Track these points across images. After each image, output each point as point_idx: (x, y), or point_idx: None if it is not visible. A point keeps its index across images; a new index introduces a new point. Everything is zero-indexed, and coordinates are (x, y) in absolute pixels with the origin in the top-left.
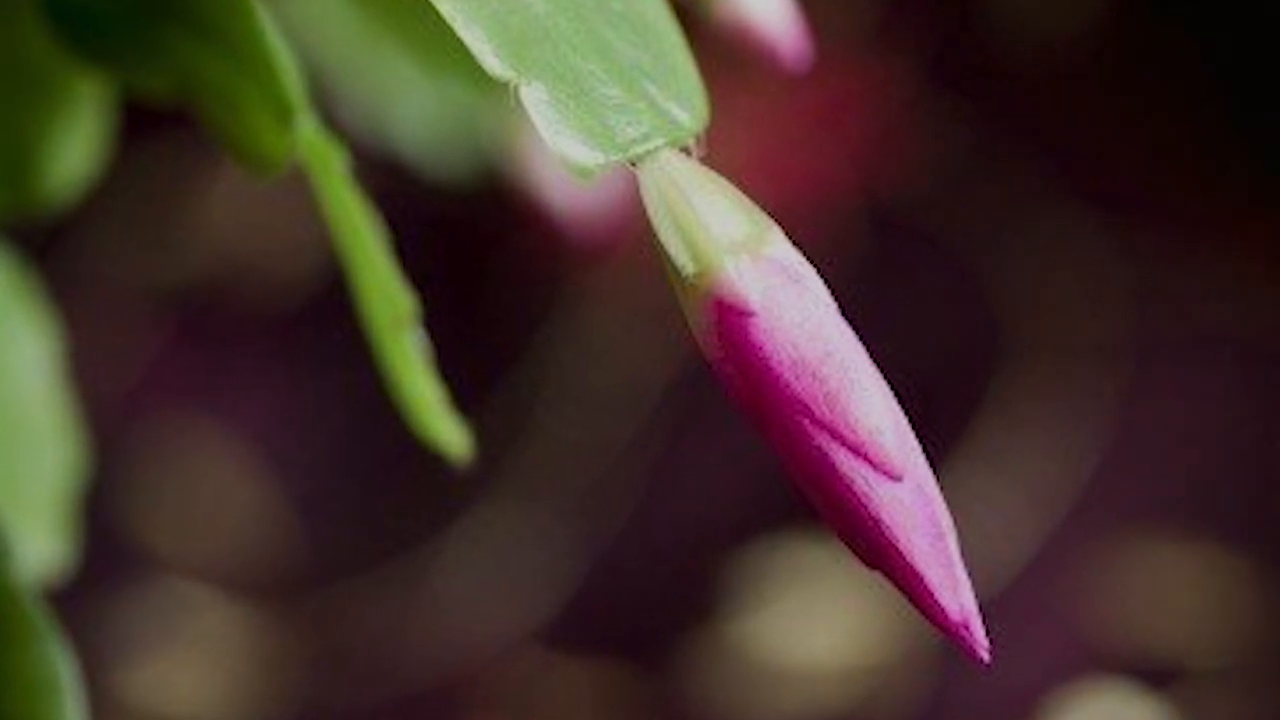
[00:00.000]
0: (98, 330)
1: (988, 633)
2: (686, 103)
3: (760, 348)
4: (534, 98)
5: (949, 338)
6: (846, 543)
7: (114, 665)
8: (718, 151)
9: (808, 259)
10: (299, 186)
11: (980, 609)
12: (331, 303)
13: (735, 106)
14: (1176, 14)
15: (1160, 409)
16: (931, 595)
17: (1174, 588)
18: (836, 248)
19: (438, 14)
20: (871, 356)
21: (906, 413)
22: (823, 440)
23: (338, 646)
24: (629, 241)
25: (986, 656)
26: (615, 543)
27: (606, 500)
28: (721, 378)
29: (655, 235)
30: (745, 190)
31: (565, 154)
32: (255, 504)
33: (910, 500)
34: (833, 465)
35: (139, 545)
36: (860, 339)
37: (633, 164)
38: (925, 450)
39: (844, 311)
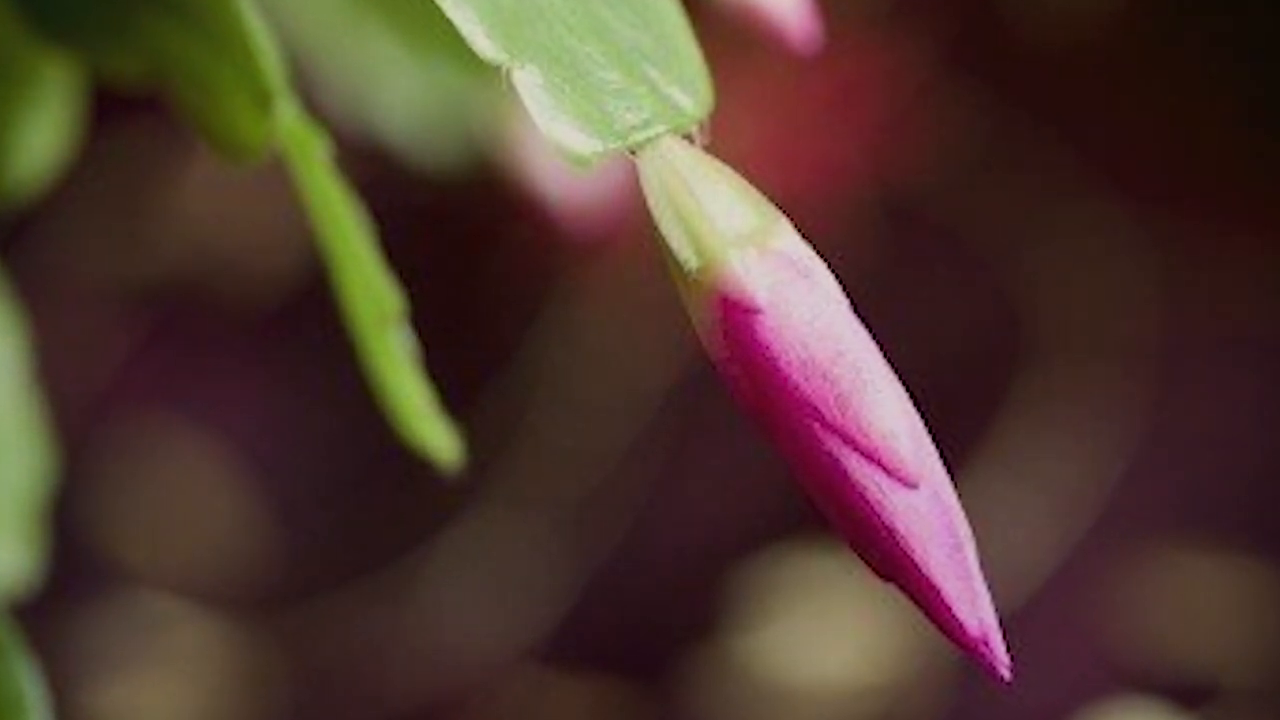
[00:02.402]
0: (66, 329)
1: (1008, 649)
2: (689, 87)
3: (768, 347)
4: (527, 81)
5: (967, 336)
6: (859, 553)
7: (83, 683)
8: (722, 139)
9: (818, 253)
10: (278, 176)
11: (1000, 623)
12: (313, 300)
13: (741, 91)
14: None
15: (1191, 411)
16: (949, 609)
17: (1205, 600)
18: (848, 241)
19: None
20: (885, 356)
21: (922, 416)
22: (834, 445)
23: (320, 664)
24: (628, 235)
25: (1007, 674)
26: (614, 554)
27: (605, 509)
28: (727, 379)
29: (656, 228)
30: (751, 180)
31: (561, 141)
32: (233, 513)
33: (926, 509)
34: (844, 472)
35: (110, 556)
36: (873, 338)
37: (632, 152)
38: (942, 455)
39: (856, 308)
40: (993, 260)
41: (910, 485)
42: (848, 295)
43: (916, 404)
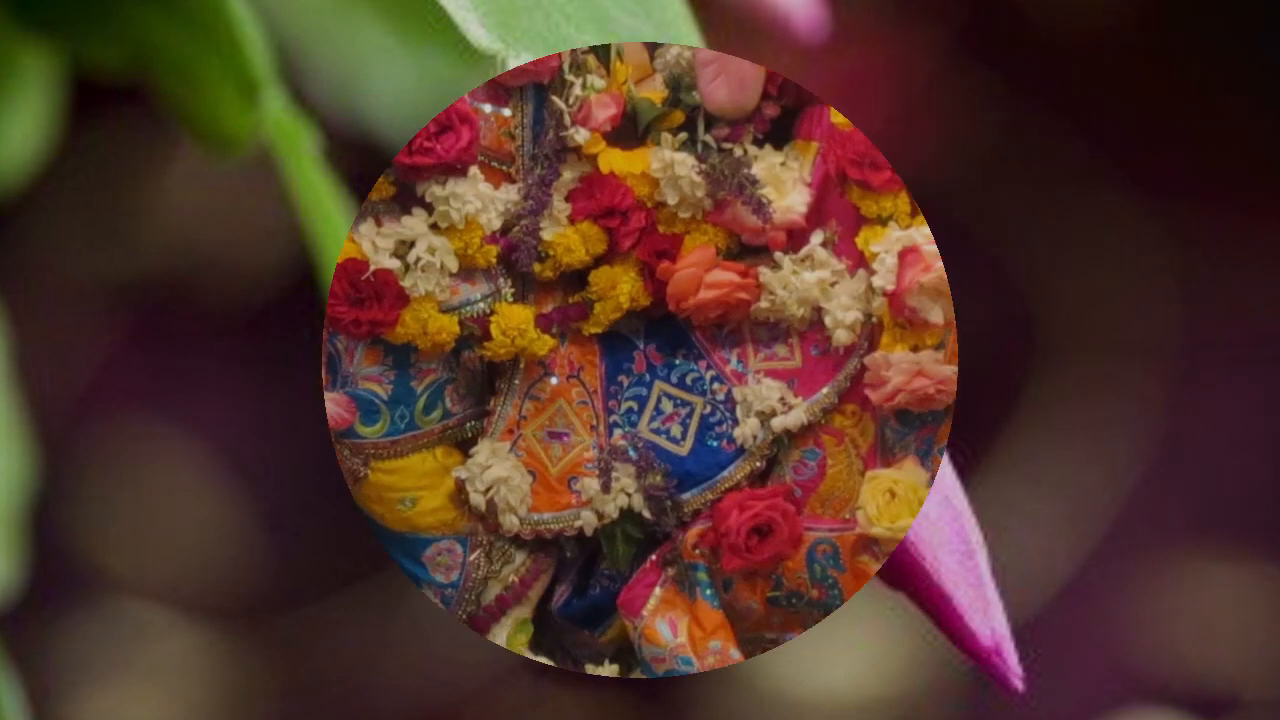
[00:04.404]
0: (45, 328)
1: (1022, 660)
2: None
3: None
4: None
5: (979, 334)
6: None
7: (63, 694)
8: None
9: None
10: (265, 169)
11: (1014, 633)
12: (301, 298)
13: None
14: None
15: (1211, 414)
16: (960, 618)
17: (1225, 610)
18: None
19: None
20: None
21: None
22: None
23: (309, 675)
24: None
25: (1021, 686)
26: None
27: None
28: None
29: None
30: None
31: None
32: (218, 519)
33: (936, 514)
34: None
35: (91, 564)
36: None
37: None
38: (953, 458)
39: None
40: (1005, 256)
41: None
42: None
43: None
